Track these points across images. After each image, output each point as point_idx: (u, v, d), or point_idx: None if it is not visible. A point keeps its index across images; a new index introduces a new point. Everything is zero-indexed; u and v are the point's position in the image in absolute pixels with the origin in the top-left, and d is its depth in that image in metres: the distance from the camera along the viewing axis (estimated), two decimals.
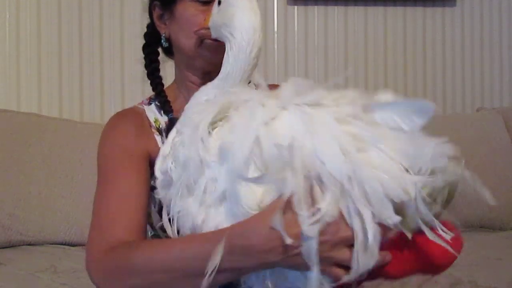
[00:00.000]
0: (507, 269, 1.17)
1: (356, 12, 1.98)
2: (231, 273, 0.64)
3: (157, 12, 0.95)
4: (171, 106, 0.92)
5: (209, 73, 0.93)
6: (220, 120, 0.69)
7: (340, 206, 0.57)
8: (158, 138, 0.90)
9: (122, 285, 0.72)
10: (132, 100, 1.80)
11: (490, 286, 1.09)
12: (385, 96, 0.66)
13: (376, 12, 1.99)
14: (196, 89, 0.89)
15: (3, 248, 1.44)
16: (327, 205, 0.57)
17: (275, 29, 1.91)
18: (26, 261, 1.32)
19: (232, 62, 0.78)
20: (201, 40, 0.89)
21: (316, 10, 1.95)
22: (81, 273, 1.25)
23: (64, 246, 1.46)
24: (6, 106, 1.69)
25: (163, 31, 0.95)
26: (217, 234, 0.62)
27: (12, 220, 1.44)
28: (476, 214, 1.66)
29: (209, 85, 0.80)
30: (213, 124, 0.69)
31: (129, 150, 0.85)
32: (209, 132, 0.67)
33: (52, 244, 1.46)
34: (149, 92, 0.98)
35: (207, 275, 0.60)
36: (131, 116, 0.92)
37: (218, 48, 0.88)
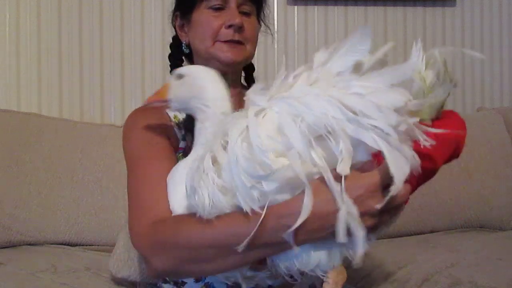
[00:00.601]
0: (507, 269, 1.17)
1: (356, 12, 1.98)
2: (273, 249, 0.68)
3: (178, 22, 1.04)
4: None
5: (225, 74, 0.97)
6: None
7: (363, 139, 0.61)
8: (177, 131, 0.95)
9: (169, 257, 0.74)
10: (132, 100, 1.80)
11: (490, 286, 1.09)
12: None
13: (376, 12, 1.99)
14: None
15: (3, 248, 1.44)
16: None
17: (275, 29, 1.91)
18: (26, 261, 1.32)
19: (209, 132, 0.77)
20: (213, 42, 0.97)
21: (316, 10, 1.95)
22: (81, 273, 1.25)
23: (64, 246, 1.46)
24: (6, 106, 1.69)
25: (184, 39, 1.03)
26: (265, 213, 0.64)
27: (12, 220, 1.44)
28: (476, 214, 1.66)
29: (189, 158, 0.79)
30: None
31: (154, 139, 0.89)
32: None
33: (52, 244, 1.46)
34: (149, 92, 1.00)
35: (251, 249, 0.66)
36: (150, 111, 0.96)
37: (228, 48, 0.97)
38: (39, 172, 1.50)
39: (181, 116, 0.97)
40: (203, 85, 0.79)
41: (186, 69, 0.82)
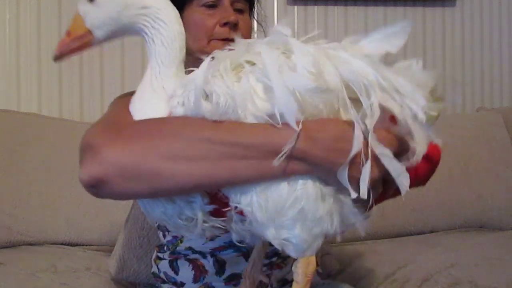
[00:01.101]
0: (507, 269, 1.17)
1: (356, 12, 1.98)
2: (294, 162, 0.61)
3: None
4: None
5: None
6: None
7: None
8: None
9: (135, 147, 0.62)
10: None
11: (490, 286, 1.09)
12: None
13: (376, 12, 1.99)
14: None
15: (3, 248, 1.44)
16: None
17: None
18: (26, 261, 1.32)
19: (167, 38, 0.69)
20: (208, 42, 0.93)
21: (316, 10, 1.95)
22: (81, 273, 1.25)
23: (64, 246, 1.46)
24: (6, 106, 1.69)
25: None
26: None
27: (12, 220, 1.44)
28: (476, 214, 1.66)
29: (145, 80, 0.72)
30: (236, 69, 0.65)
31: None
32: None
33: (52, 244, 1.46)
34: None
35: (281, 155, 0.59)
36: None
37: (224, 46, 0.91)
38: (39, 172, 1.50)
39: None
40: None
41: None
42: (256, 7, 1.05)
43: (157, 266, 1.02)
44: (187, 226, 0.66)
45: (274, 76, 0.60)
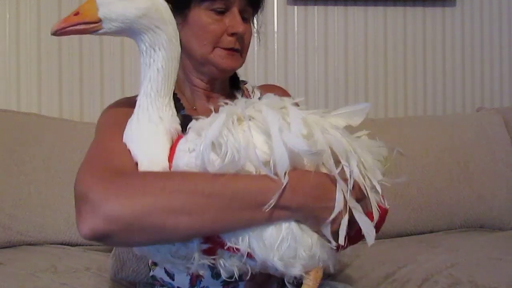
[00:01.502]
0: (507, 269, 1.17)
1: (356, 12, 1.98)
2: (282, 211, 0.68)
3: None
4: (182, 103, 0.95)
5: (216, 80, 0.96)
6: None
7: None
8: None
9: (135, 202, 0.63)
10: None
11: (490, 286, 1.08)
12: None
13: (376, 12, 1.99)
14: (201, 92, 0.96)
15: (3, 248, 1.44)
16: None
17: (275, 29, 1.91)
18: (26, 261, 1.32)
19: (166, 62, 0.72)
20: (213, 48, 0.91)
21: (316, 10, 1.95)
22: (81, 273, 1.25)
23: (64, 246, 1.46)
24: (6, 106, 1.69)
25: None
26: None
27: (12, 220, 1.44)
28: (476, 214, 1.66)
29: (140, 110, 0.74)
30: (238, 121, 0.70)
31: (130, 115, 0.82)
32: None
33: (52, 244, 1.46)
34: None
35: (267, 206, 0.65)
36: (134, 99, 0.93)
37: (227, 55, 0.92)
38: (39, 172, 1.50)
39: None
40: (156, 5, 0.71)
41: None
42: (258, 14, 1.03)
43: (153, 272, 1.02)
44: (180, 263, 0.71)
45: (275, 133, 0.66)
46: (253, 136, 0.67)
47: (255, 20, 1.03)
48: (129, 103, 0.85)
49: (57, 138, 1.55)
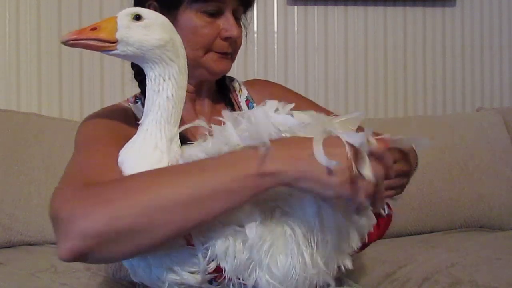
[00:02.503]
0: (507, 269, 1.17)
1: (356, 12, 1.98)
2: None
3: None
4: None
5: (205, 82, 0.94)
6: None
7: None
8: None
9: (105, 214, 0.60)
10: None
11: (490, 286, 1.08)
12: None
13: (376, 12, 1.99)
14: (187, 95, 0.91)
15: (3, 248, 1.44)
16: None
17: (275, 29, 1.91)
18: (26, 261, 1.32)
19: (176, 91, 0.71)
20: (205, 52, 0.88)
21: (316, 10, 1.95)
22: (81, 273, 1.25)
23: None
24: (6, 106, 1.69)
25: None
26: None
27: (12, 220, 1.44)
28: (476, 214, 1.66)
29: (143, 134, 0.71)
30: None
31: (111, 129, 0.79)
32: None
33: (52, 244, 1.46)
34: None
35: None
36: (115, 109, 0.90)
37: (220, 59, 0.89)
38: (39, 172, 1.50)
39: None
40: (173, 37, 0.71)
41: (144, 10, 0.71)
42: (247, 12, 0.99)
43: None
44: None
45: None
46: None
47: (243, 17, 0.98)
48: (109, 115, 0.83)
49: (57, 138, 1.55)
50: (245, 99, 1.01)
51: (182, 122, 0.90)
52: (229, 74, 1.01)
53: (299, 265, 0.65)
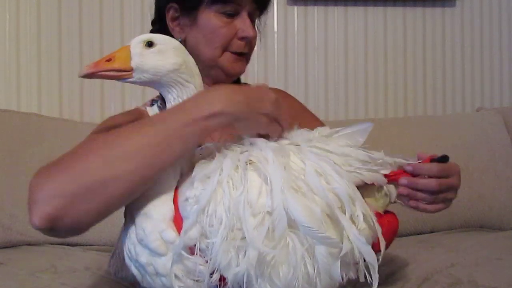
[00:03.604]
0: (507, 269, 1.17)
1: (356, 12, 1.98)
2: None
3: (172, 14, 0.95)
4: None
5: (220, 83, 0.96)
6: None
7: None
8: None
9: (71, 167, 0.63)
10: (132, 100, 1.80)
11: (490, 286, 1.08)
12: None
13: (376, 12, 1.99)
14: None
15: (3, 248, 1.44)
16: None
17: (275, 29, 1.91)
18: (26, 261, 1.32)
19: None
20: (222, 52, 0.91)
21: (316, 10, 1.95)
22: (81, 273, 1.25)
23: (64, 246, 1.46)
24: (6, 106, 1.69)
25: (179, 35, 0.95)
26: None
27: (12, 220, 1.44)
28: (476, 214, 1.66)
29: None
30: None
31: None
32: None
33: (52, 244, 1.46)
34: (150, 92, 0.99)
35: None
36: (131, 113, 0.94)
37: (236, 60, 0.93)
38: None
39: None
40: (185, 59, 0.73)
41: (156, 36, 0.73)
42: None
43: None
44: None
45: (276, 194, 0.66)
46: (248, 192, 0.66)
47: (257, 21, 1.03)
48: (120, 118, 0.86)
49: (57, 138, 1.55)
50: None
51: None
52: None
53: (302, 275, 0.65)
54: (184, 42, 0.95)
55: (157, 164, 0.65)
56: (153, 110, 0.96)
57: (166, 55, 0.71)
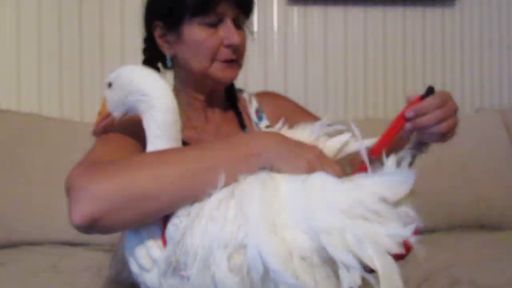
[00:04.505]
0: (507, 269, 1.17)
1: (355, 12, 1.98)
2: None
3: (158, 31, 0.96)
4: None
5: (215, 91, 0.96)
6: None
7: None
8: None
9: (118, 176, 0.67)
10: None
11: (490, 286, 1.09)
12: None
13: (376, 12, 1.99)
14: (199, 105, 0.97)
15: (3, 248, 1.44)
16: None
17: (275, 29, 1.91)
18: (27, 261, 1.32)
19: (159, 120, 0.76)
20: (211, 62, 0.91)
21: (315, 10, 1.95)
22: (82, 273, 1.25)
23: (64, 246, 1.46)
24: (6, 106, 1.69)
25: (168, 51, 0.96)
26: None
27: (12, 220, 1.44)
28: (476, 214, 1.66)
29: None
30: None
31: (126, 138, 0.85)
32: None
33: (53, 243, 1.46)
34: None
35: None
36: (130, 120, 0.94)
37: (226, 67, 0.92)
38: (39, 172, 1.50)
39: None
40: (132, 79, 0.78)
41: (111, 74, 0.81)
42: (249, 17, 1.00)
43: None
44: None
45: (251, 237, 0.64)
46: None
47: (248, 23, 1.00)
48: (124, 123, 0.86)
49: (57, 138, 1.55)
50: (255, 110, 1.04)
51: (193, 129, 0.95)
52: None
53: None
54: (175, 57, 0.96)
55: (199, 189, 0.68)
56: None
57: (120, 86, 0.78)
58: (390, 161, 0.73)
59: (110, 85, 0.79)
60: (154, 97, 0.75)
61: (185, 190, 0.67)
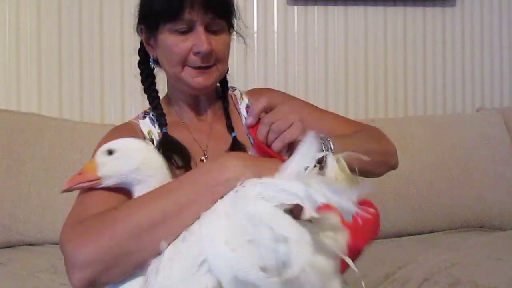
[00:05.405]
0: (507, 269, 1.17)
1: (356, 12, 1.98)
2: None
3: (144, 35, 1.00)
4: (165, 120, 0.97)
5: (196, 96, 0.99)
6: None
7: None
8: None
9: (95, 245, 0.71)
10: (132, 100, 1.80)
11: (490, 286, 1.09)
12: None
13: (376, 12, 1.99)
14: (186, 107, 0.99)
15: (3, 248, 1.44)
16: None
17: (275, 29, 1.91)
18: (26, 261, 1.32)
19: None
20: (182, 67, 0.93)
21: (316, 10, 1.95)
22: None
23: None
24: (6, 106, 1.69)
25: (151, 53, 1.00)
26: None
27: (12, 220, 1.44)
28: (476, 214, 1.66)
29: None
30: None
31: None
32: None
33: (52, 244, 1.46)
34: None
35: None
36: (124, 129, 0.97)
37: (198, 74, 0.93)
38: (39, 172, 1.50)
39: (156, 131, 0.96)
40: (146, 156, 0.79)
41: (115, 143, 0.80)
42: (236, 20, 1.00)
43: None
44: None
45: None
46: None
47: (235, 24, 1.00)
48: (116, 136, 0.87)
49: (57, 138, 1.55)
50: (246, 106, 1.05)
51: (186, 129, 0.97)
52: (232, 80, 1.06)
53: None
54: (156, 59, 0.99)
55: (175, 231, 0.70)
56: (145, 123, 0.98)
57: (126, 158, 0.78)
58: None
59: (110, 152, 0.79)
60: (156, 177, 0.78)
61: (162, 236, 0.70)
